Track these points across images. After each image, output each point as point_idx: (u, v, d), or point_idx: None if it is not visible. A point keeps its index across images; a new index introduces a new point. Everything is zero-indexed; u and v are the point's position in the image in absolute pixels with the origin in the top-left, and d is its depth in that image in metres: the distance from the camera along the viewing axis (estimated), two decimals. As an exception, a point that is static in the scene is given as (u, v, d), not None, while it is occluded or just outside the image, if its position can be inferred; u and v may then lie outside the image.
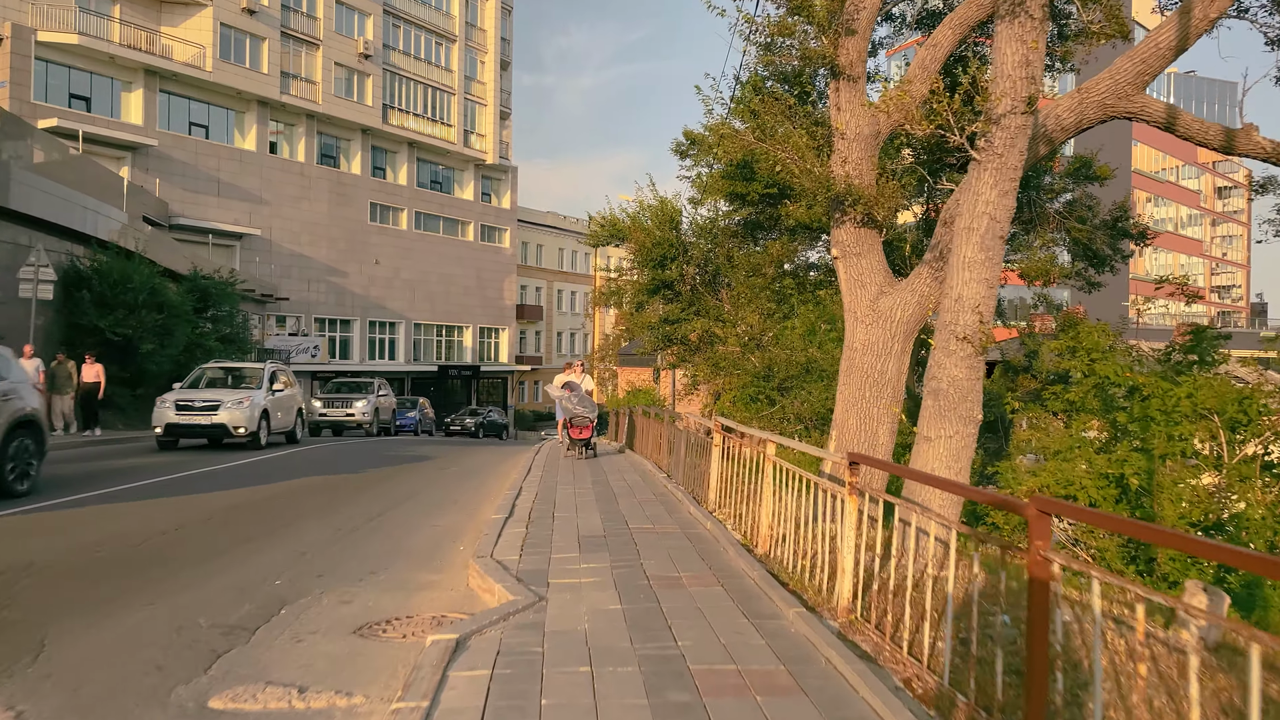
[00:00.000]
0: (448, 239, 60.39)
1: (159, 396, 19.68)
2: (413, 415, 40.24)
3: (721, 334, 18.22)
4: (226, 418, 18.90)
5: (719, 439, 9.45)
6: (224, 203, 46.61)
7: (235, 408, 19.07)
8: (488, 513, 10.17)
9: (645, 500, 10.63)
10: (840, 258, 9.38)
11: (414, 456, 19.17)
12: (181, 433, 18.90)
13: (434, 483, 13.94)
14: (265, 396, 20.09)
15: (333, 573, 7.63)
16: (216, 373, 21.58)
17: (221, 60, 46.21)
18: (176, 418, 18.76)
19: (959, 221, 6.78)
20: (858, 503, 5.46)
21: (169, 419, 18.73)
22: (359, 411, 30.97)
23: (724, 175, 16.01)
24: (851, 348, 9.28)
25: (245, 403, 19.29)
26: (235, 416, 18.97)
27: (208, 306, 31.23)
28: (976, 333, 6.63)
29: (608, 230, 19.86)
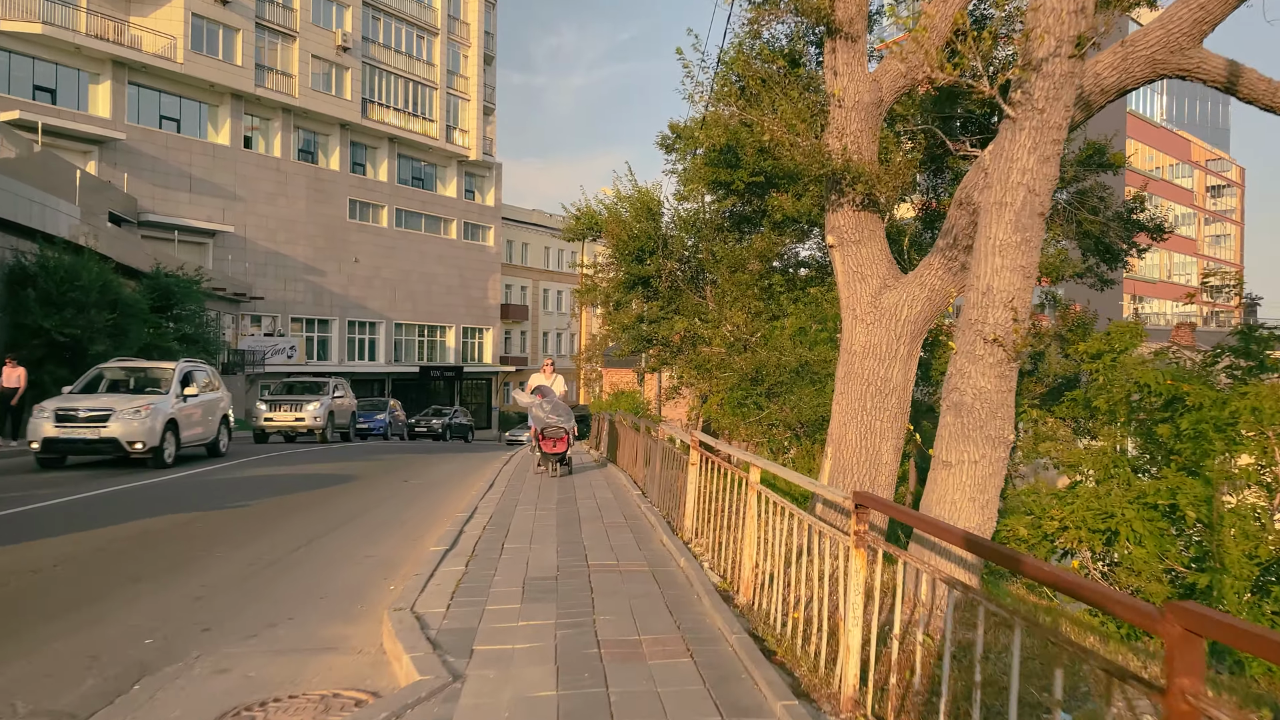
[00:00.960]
0: (430, 237, 58.92)
1: (36, 404, 16.24)
2: (381, 418, 37.98)
3: (705, 334, 16.84)
4: (119, 430, 15.29)
5: (696, 457, 8.12)
6: (196, 199, 45.09)
7: (131, 418, 15.41)
8: (432, 541, 8.82)
9: (614, 525, 9.27)
10: (837, 246, 8.06)
11: (355, 474, 16.21)
12: (64, 449, 15.44)
13: (383, 501, 12.55)
14: (173, 403, 16.51)
15: (224, 625, 6.28)
16: (118, 374, 17.95)
17: (193, 52, 44.69)
18: (56, 430, 15.21)
19: (987, 196, 5.46)
20: (866, 558, 4.13)
21: (46, 432, 15.23)
22: (310, 415, 27.26)
23: (707, 162, 14.62)
24: (850, 351, 7.96)
25: (144, 411, 15.58)
26: (131, 428, 15.36)
27: (170, 306, 29.80)
28: (1010, 334, 5.33)
29: (584, 223, 18.47)
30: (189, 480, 14.66)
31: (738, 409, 19.71)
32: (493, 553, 7.85)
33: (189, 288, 30.34)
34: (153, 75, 43.84)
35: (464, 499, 12.12)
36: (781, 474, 5.45)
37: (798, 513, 5.20)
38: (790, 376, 15.39)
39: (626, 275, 17.80)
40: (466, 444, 39.59)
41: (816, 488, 4.81)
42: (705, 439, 7.87)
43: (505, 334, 67.35)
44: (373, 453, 23.16)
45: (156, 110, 44.69)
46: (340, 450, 23.75)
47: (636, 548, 8.02)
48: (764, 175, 14.04)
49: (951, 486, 5.65)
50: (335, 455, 21.51)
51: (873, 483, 7.73)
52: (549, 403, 13.62)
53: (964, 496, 5.61)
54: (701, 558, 7.57)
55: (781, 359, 15.29)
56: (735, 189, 14.47)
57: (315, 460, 19.37)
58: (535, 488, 12.92)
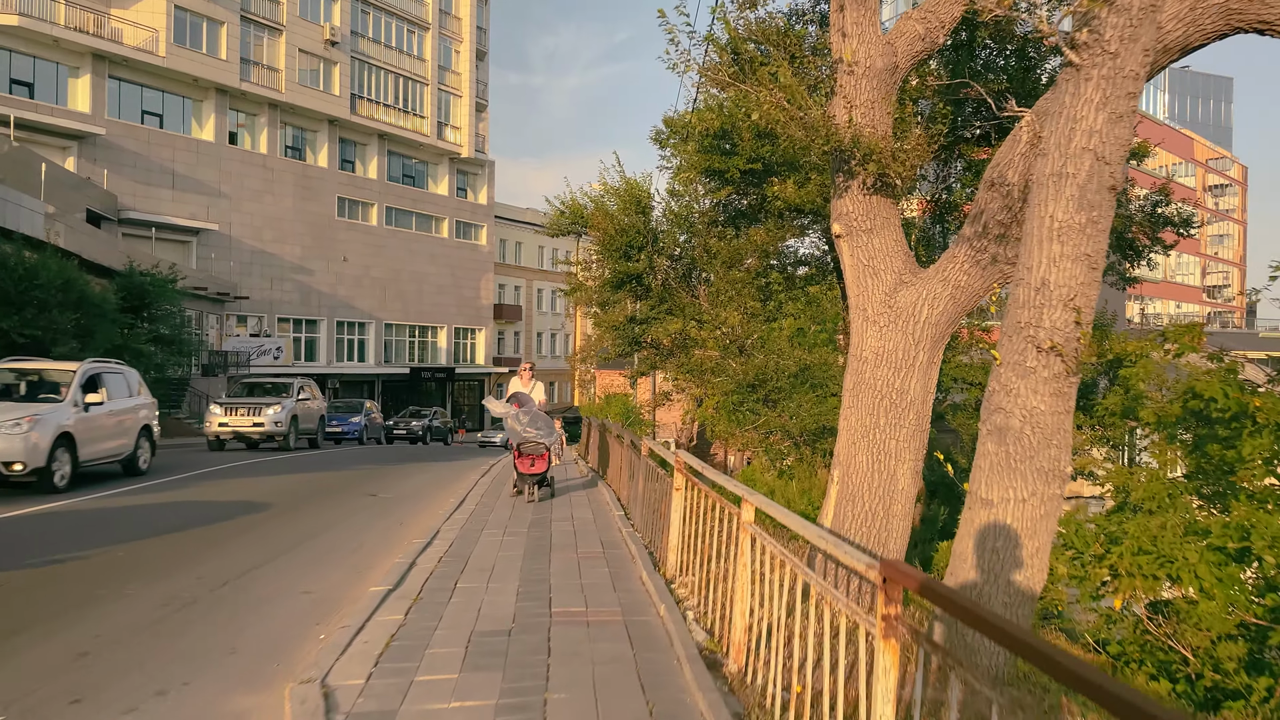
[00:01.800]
0: (421, 235, 57.75)
1: None
2: (356, 420, 35.31)
3: (698, 336, 15.68)
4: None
5: (681, 480, 6.97)
6: (179, 196, 43.92)
7: (8, 433, 12.53)
8: (381, 573, 7.68)
9: (589, 556, 8.13)
10: (844, 236, 6.93)
11: (310, 490, 14.23)
12: None
13: (340, 521, 11.36)
14: (70, 413, 13.72)
15: (101, 693, 5.14)
16: (6, 377, 14.88)
17: (176, 45, 43.51)
18: None
19: (1042, 166, 4.32)
20: (897, 654, 2.99)
21: None
22: (269, 420, 24.48)
23: (701, 149, 13.44)
24: (860, 358, 6.82)
25: (25, 424, 12.69)
26: (6, 446, 12.47)
27: (145, 306, 28.64)
28: (1072, 340, 4.21)
29: (568, 217, 17.27)
30: (89, 507, 12.11)
31: (733, 414, 18.59)
32: (442, 594, 6.71)
33: (164, 287, 29.15)
34: (134, 69, 42.69)
35: (430, 518, 10.99)
36: (780, 516, 4.31)
37: (804, 572, 4.06)
38: (789, 382, 14.24)
39: (614, 273, 16.60)
40: (446, 446, 38.16)
41: (826, 542, 3.67)
42: (691, 460, 6.72)
43: (498, 335, 66.17)
44: (339, 462, 21.35)
45: (138, 105, 43.54)
46: (303, 460, 21.62)
47: (611, 587, 6.88)
48: (761, 162, 12.89)
49: (992, 531, 4.52)
50: (294, 466, 19.60)
51: (887, 513, 6.60)
52: (527, 413, 11.57)
53: (1010, 543, 4.49)
54: (685, 602, 6.43)
55: (780, 363, 14.14)
56: (730, 177, 13.27)
57: (268, 473, 17.47)
58: (509, 506, 11.79)
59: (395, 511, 12.23)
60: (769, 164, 12.98)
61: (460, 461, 22.52)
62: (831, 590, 3.68)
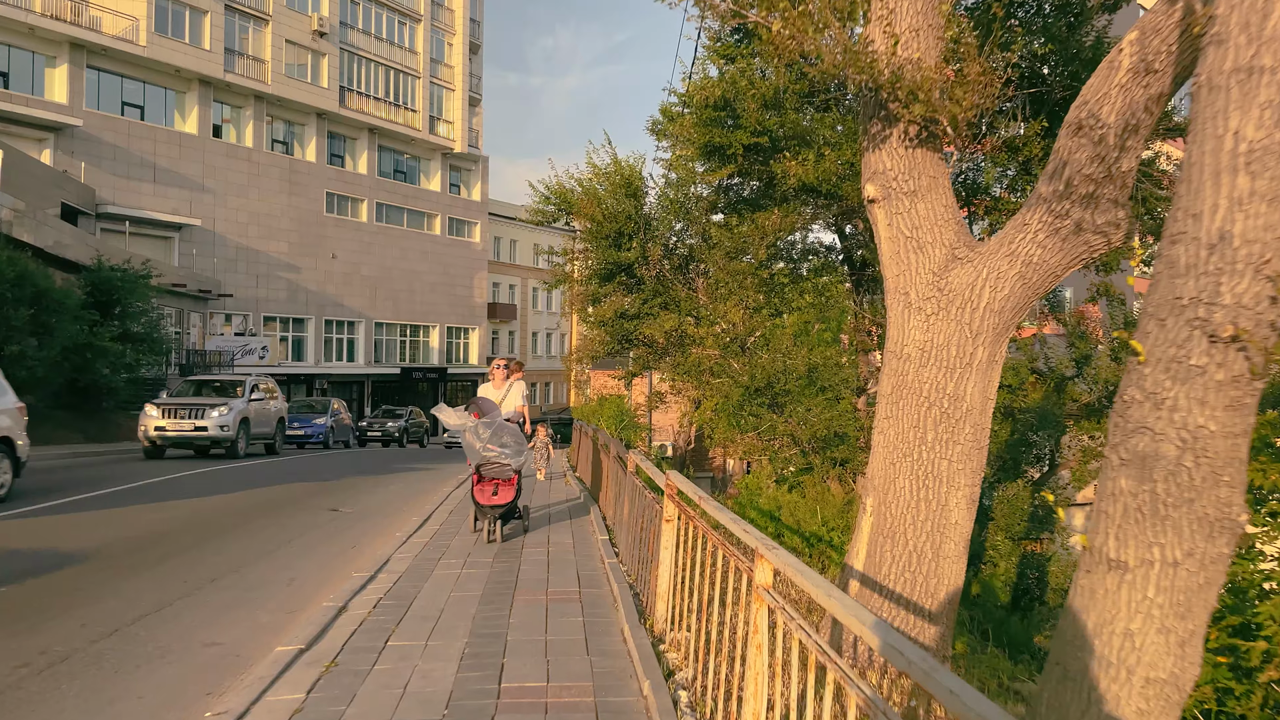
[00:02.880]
0: (412, 232, 56.28)
1: None
2: (321, 422, 31.28)
3: (696, 333, 14.16)
4: None
5: (671, 510, 5.50)
6: (161, 190, 42.46)
7: None
8: (301, 622, 6.22)
9: (562, 598, 6.65)
10: (880, 200, 5.47)
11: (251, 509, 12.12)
12: None
13: (281, 546, 9.80)
14: None
15: None
16: None
17: (157, 34, 42.06)
18: None
19: (1217, 61, 2.84)
20: None
21: None
22: (214, 423, 20.92)
23: (700, 122, 11.89)
24: (900, 355, 5.37)
25: None
26: None
27: (115, 302, 27.16)
28: (1264, 324, 2.77)
29: (554, 203, 15.71)
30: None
31: (733, 418, 17.14)
32: (366, 658, 5.23)
33: (136, 283, 27.65)
34: (113, 59, 41.24)
35: (386, 542, 9.51)
36: (819, 595, 2.85)
37: (856, 692, 2.58)
38: (798, 384, 12.75)
39: (603, 263, 15.05)
40: (422, 449, 36.17)
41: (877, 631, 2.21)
42: (684, 485, 5.24)
43: (493, 334, 64.71)
44: (297, 473, 18.67)
45: (118, 96, 42.09)
46: (251, 471, 18.57)
47: (584, 647, 5.40)
48: (768, 136, 11.39)
49: (1128, 605, 3.08)
50: (237, 479, 16.49)
51: (936, 554, 5.15)
52: (488, 425, 8.98)
53: (1151, 625, 3.04)
54: (678, 674, 4.96)
55: (788, 363, 12.66)
56: (733, 154, 11.75)
57: (199, 491, 14.23)
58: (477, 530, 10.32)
59: (350, 532, 10.73)
60: (776, 139, 11.50)
61: (441, 467, 21.00)
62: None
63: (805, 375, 13.03)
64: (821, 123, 11.58)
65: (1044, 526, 13.26)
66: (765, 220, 12.31)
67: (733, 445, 16.81)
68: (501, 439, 9.01)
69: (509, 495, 9.24)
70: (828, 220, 13.43)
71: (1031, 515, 13.01)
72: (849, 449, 13.46)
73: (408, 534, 9.67)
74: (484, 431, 8.98)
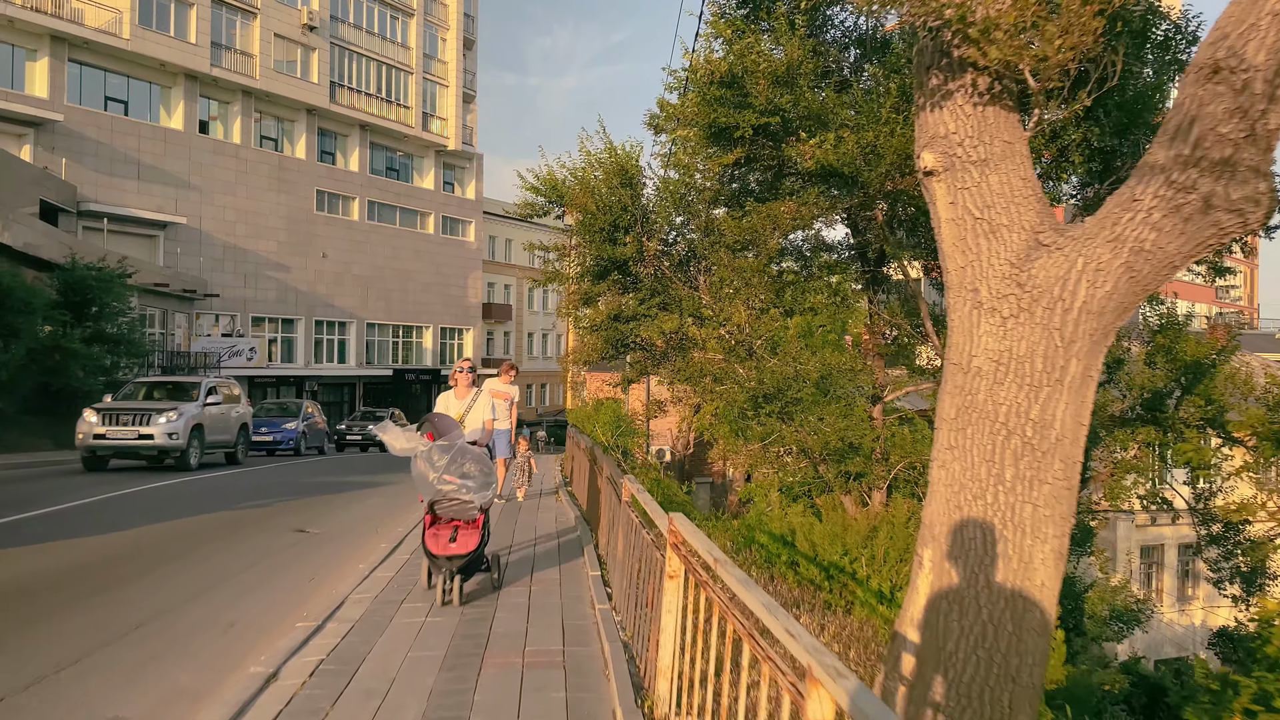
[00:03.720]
0: (405, 231, 55.10)
1: None
2: (292, 427, 28.52)
3: (698, 336, 12.96)
4: None
5: (676, 565, 4.34)
6: (145, 187, 41.30)
7: None
8: (215, 698, 5.08)
9: (540, 662, 5.46)
10: (940, 173, 4.34)
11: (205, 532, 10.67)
12: None
13: (233, 577, 8.64)
14: None
15: None
16: None
17: (141, 27, 40.90)
18: None
19: None
20: None
21: None
22: (161, 431, 18.33)
23: (704, 101, 10.65)
24: (967, 368, 4.24)
25: None
26: None
27: (89, 302, 26.00)
28: None
29: (544, 194, 14.46)
30: None
31: (736, 424, 16.01)
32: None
33: (111, 282, 26.48)
34: (96, 52, 40.10)
35: (346, 576, 8.36)
36: None
37: None
38: (813, 393, 11.60)
39: (596, 259, 13.82)
40: None
41: None
42: (696, 541, 4.07)
43: (487, 335, 63.58)
44: (259, 487, 16.60)
45: (101, 91, 40.96)
46: (205, 486, 16.29)
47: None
48: (780, 116, 10.23)
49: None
50: (184, 498, 14.34)
51: (1018, 626, 4.01)
52: (445, 450, 6.88)
53: None
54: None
55: (799, 368, 11.50)
56: (741, 137, 10.56)
57: (133, 514, 12.16)
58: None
59: (311, 559, 9.56)
60: (788, 120, 10.35)
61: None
62: None
63: (817, 382, 11.89)
64: (839, 103, 10.45)
65: (1078, 548, 12.15)
66: (778, 210, 11.12)
67: (736, 455, 15.67)
68: (462, 467, 6.87)
69: (471, 542, 6.98)
70: (842, 212, 12.24)
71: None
72: (864, 461, 12.33)
73: (373, 565, 8.53)
74: (439, 458, 6.84)
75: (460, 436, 7.17)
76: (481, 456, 7.16)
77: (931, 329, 12.10)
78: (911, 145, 9.45)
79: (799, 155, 9.82)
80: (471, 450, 7.08)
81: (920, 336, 12.95)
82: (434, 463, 6.85)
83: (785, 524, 12.25)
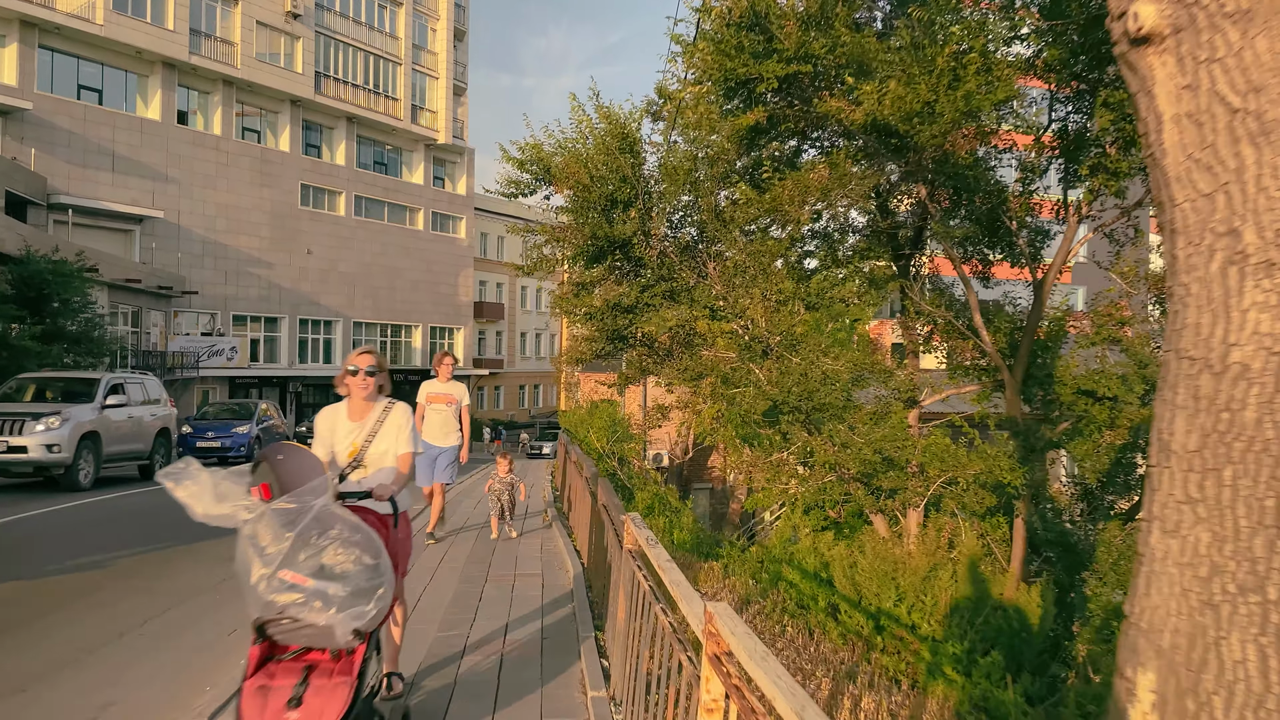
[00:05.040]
0: (393, 227, 53.31)
1: None
2: (244, 431, 24.72)
3: (709, 331, 11.10)
4: None
5: (714, 688, 2.63)
6: (120, 179, 39.54)
7: None
8: None
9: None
10: (1165, 37, 2.58)
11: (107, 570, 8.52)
12: None
13: (106, 645, 6.82)
14: None
15: None
16: None
17: (116, 13, 39.12)
18: None
19: None
20: None
21: None
22: (37, 441, 14.85)
23: (719, 50, 8.76)
24: (1219, 366, 2.50)
25: None
26: None
27: (46, 297, 24.21)
28: None
29: (530, 169, 12.50)
30: None
31: (742, 428, 14.30)
32: None
33: (69, 276, 24.69)
34: (68, 38, 38.34)
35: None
36: None
37: None
38: (842, 396, 9.83)
39: (590, 240, 11.88)
40: None
41: None
42: (744, 650, 2.38)
43: (479, 335, 61.81)
44: (179, 512, 11.98)
45: (74, 78, 39.19)
46: (99, 511, 13.10)
47: None
48: (812, 64, 8.44)
49: None
50: (60, 532, 11.16)
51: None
52: (289, 518, 3.50)
53: None
54: None
55: (827, 369, 9.74)
56: (764, 90, 8.76)
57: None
58: (432, 567, 7.43)
59: (234, 604, 7.76)
60: (821, 68, 8.58)
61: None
62: None
63: (848, 385, 10.15)
64: (883, 49, 8.61)
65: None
66: (808, 179, 9.27)
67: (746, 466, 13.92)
68: (319, 556, 3.51)
69: (334, 705, 3.51)
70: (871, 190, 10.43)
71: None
72: (899, 477, 10.60)
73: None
74: (273, 536, 3.49)
75: (322, 490, 3.66)
76: (360, 532, 3.62)
77: (981, 322, 10.46)
78: (976, 97, 7.71)
79: (839, 111, 8.06)
80: (342, 518, 3.62)
81: (964, 331, 11.23)
82: (262, 549, 3.47)
83: (817, 555, 10.44)
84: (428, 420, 9.42)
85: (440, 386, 9.44)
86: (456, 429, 9.54)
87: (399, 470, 4.55)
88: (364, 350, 4.68)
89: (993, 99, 7.88)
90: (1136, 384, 10.57)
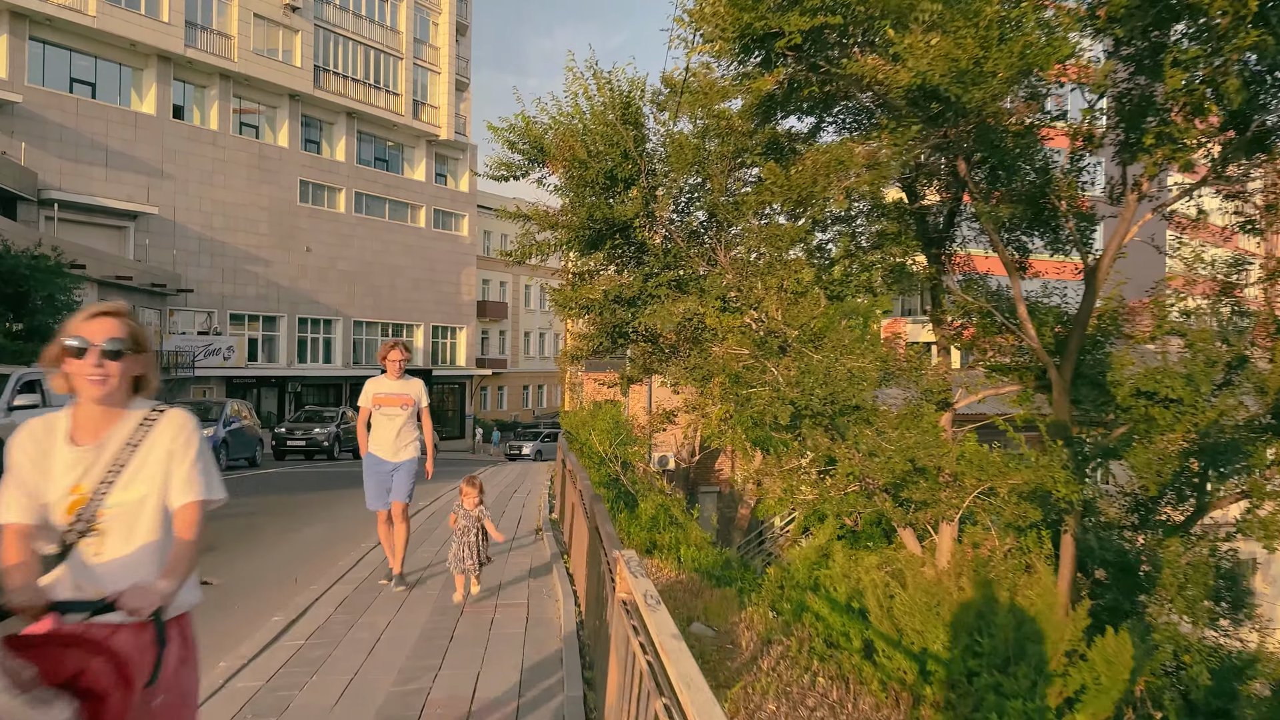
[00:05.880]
0: (395, 224, 52.26)
1: None
2: (211, 434, 22.46)
3: (720, 325, 9.96)
4: None
5: None
6: (114, 175, 38.55)
7: None
8: None
9: None
10: None
11: None
12: None
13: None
14: None
15: None
16: None
17: (109, 4, 38.15)
18: None
19: None
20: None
21: None
22: None
23: (735, 2, 7.59)
24: None
25: None
26: None
27: (27, 295, 23.20)
28: None
29: (521, 148, 11.28)
30: None
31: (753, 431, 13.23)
32: None
33: (50, 273, 23.66)
34: (60, 30, 37.38)
35: (225, 659, 5.53)
36: None
37: None
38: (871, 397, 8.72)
39: (587, 222, 10.69)
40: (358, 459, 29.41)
41: None
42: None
43: (482, 334, 60.75)
44: None
45: (66, 71, 38.22)
46: None
47: None
48: (841, 14, 7.26)
49: None
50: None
51: None
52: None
53: None
54: None
55: (853, 366, 8.63)
56: (786, 48, 7.57)
57: None
58: (373, 627, 6.34)
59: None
60: (854, 18, 7.41)
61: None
62: None
63: (877, 384, 9.05)
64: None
65: (1237, 602, 9.28)
66: (845, 152, 8.01)
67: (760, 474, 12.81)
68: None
69: None
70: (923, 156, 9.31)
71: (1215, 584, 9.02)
72: (931, 487, 9.49)
73: (261, 644, 5.69)
74: None
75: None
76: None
77: (1025, 314, 9.36)
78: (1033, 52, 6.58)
79: (876, 71, 6.91)
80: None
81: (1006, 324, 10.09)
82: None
83: (847, 581, 9.30)
84: (376, 428, 7.56)
85: (391, 385, 7.60)
86: (414, 438, 7.64)
87: (180, 542, 2.52)
88: (100, 309, 2.60)
89: (1056, 55, 6.75)
90: (1204, 384, 9.45)
